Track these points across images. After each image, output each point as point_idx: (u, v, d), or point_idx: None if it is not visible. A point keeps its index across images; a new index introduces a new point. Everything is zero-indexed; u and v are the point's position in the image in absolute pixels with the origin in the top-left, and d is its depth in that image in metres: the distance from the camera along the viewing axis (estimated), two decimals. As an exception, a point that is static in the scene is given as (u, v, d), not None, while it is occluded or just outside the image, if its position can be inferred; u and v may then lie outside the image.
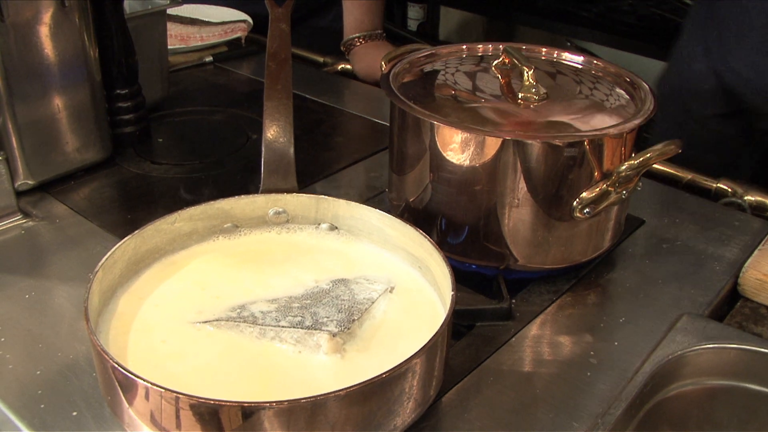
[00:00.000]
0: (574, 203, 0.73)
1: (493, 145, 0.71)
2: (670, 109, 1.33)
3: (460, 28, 2.81)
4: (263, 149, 0.78)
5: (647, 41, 2.18)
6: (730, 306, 0.81)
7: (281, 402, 0.51)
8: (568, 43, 2.34)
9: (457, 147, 0.73)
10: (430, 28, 2.77)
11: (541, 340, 0.72)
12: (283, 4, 0.89)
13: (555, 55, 0.89)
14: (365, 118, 1.19)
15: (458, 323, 0.74)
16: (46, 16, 0.91)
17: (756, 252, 0.83)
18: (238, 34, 1.44)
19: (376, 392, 0.53)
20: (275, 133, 0.79)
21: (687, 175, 1.03)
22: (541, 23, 2.44)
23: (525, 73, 0.79)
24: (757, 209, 0.97)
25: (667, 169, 1.05)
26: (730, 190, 1.00)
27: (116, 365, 0.54)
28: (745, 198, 0.98)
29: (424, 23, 2.79)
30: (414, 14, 2.79)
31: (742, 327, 0.76)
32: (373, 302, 0.65)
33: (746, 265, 0.82)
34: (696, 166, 1.27)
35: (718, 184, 1.02)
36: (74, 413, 0.64)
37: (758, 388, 0.67)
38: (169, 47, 1.33)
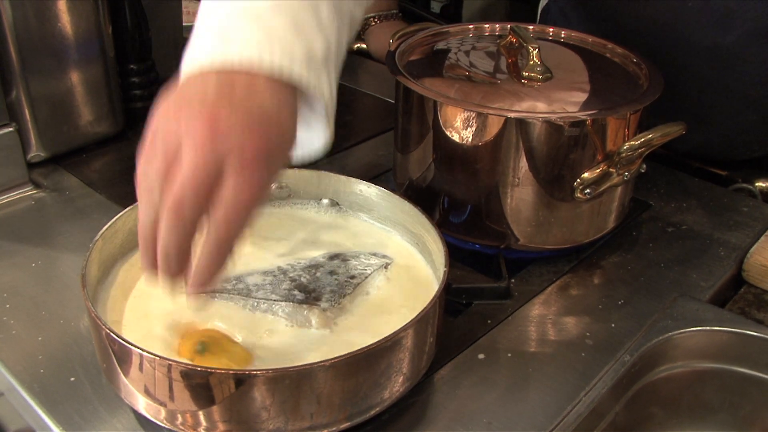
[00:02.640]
0: (575, 183, 0.73)
1: (494, 123, 0.71)
2: None
3: (484, 11, 2.79)
4: (267, 124, 0.78)
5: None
6: (734, 291, 0.80)
7: (266, 371, 0.52)
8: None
9: (459, 125, 0.73)
10: (454, 10, 2.75)
11: (538, 319, 0.72)
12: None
13: (563, 35, 0.89)
14: (377, 97, 1.19)
15: (456, 301, 0.74)
16: (60, -7, 0.92)
17: (762, 238, 0.83)
18: (255, 12, 1.44)
19: (361, 364, 0.54)
20: (279, 108, 0.79)
21: (695, 163, 1.02)
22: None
23: (530, 52, 0.78)
24: (767, 196, 0.96)
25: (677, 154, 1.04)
26: (740, 178, 0.99)
27: (110, 332, 0.55)
28: (756, 185, 0.97)
29: (448, 5, 2.77)
30: (437, -4, 2.77)
31: (744, 313, 0.76)
32: (366, 277, 0.65)
33: (751, 250, 0.81)
34: None
35: (729, 173, 1.00)
36: (72, 379, 0.65)
37: (749, 372, 0.67)
38: (185, 24, 1.34)
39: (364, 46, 1.43)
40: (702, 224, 0.87)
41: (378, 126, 1.08)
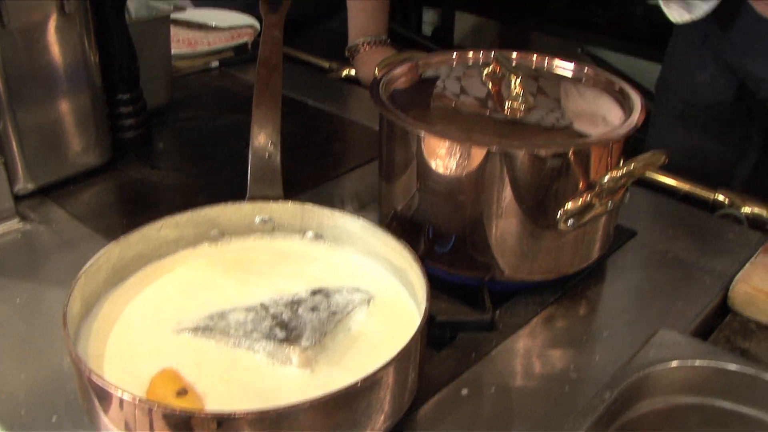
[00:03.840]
0: (559, 214, 0.73)
1: (477, 155, 0.71)
2: (668, 102, 1.34)
3: (475, 33, 2.81)
4: (250, 156, 0.79)
5: (660, 48, 2.16)
6: (721, 319, 0.80)
7: (247, 413, 0.51)
8: (579, 49, 2.34)
9: (441, 156, 0.73)
10: (445, 32, 2.77)
11: (523, 352, 0.72)
12: (277, 11, 0.89)
13: (546, 63, 0.89)
14: (366, 125, 1.19)
15: (441, 334, 0.74)
16: (48, 22, 0.92)
17: (747, 265, 0.82)
18: (245, 39, 1.45)
19: (341, 404, 0.53)
20: (263, 140, 0.79)
21: (684, 186, 1.02)
22: (554, 29, 2.44)
23: (512, 81, 0.78)
24: (754, 222, 0.96)
25: (664, 180, 1.04)
26: (727, 201, 0.99)
27: (91, 374, 0.55)
28: (743, 210, 0.97)
29: (439, 27, 2.79)
30: (429, 18, 2.79)
31: (730, 341, 0.76)
32: (348, 314, 0.65)
33: (736, 278, 0.81)
34: (701, 159, 1.27)
35: (716, 196, 1.00)
36: (54, 418, 0.64)
37: (732, 406, 0.66)
38: (176, 52, 1.34)
39: (353, 72, 1.44)
40: (688, 252, 0.87)
41: (366, 154, 1.09)
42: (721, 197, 1.00)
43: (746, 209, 0.97)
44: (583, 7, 2.45)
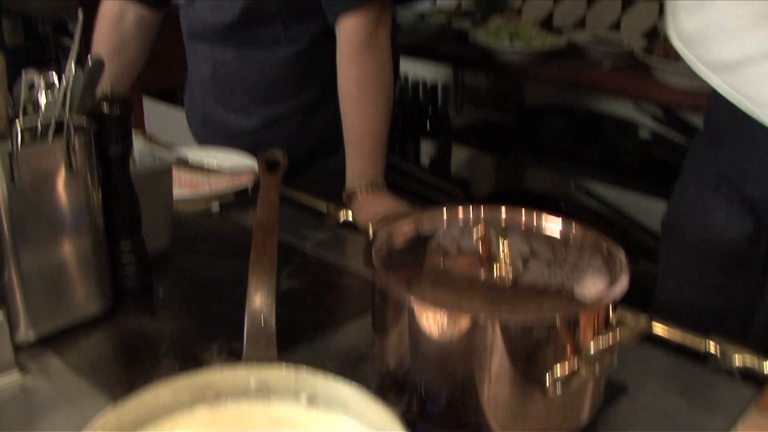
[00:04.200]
0: (548, 382, 0.74)
1: (465, 322, 0.73)
2: (681, 242, 1.34)
3: (471, 165, 2.89)
4: (246, 320, 0.81)
5: (650, 181, 2.22)
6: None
7: None
8: (572, 183, 2.39)
9: (430, 322, 0.75)
10: (442, 164, 2.85)
11: None
12: (275, 172, 0.93)
13: (534, 222, 0.91)
14: (362, 274, 1.21)
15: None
16: (55, 177, 0.96)
17: (739, 425, 0.83)
18: (245, 184, 1.48)
19: None
20: (258, 303, 0.81)
21: (675, 336, 1.04)
22: (547, 162, 2.51)
23: (501, 246, 0.81)
24: (746, 373, 0.97)
25: (656, 331, 1.05)
26: (719, 353, 1.00)
27: None
28: (735, 363, 0.97)
29: (436, 159, 2.87)
30: (426, 150, 2.88)
31: (723, 506, 0.76)
32: (339, 488, 0.66)
33: (728, 439, 0.81)
34: (719, 297, 1.26)
35: (708, 347, 1.01)
36: None
37: None
38: (178, 194, 1.38)
39: (350, 216, 1.47)
40: (679, 408, 0.87)
41: (362, 304, 1.09)
42: (712, 347, 1.01)
43: (738, 359, 0.97)
44: (575, 142, 2.54)
